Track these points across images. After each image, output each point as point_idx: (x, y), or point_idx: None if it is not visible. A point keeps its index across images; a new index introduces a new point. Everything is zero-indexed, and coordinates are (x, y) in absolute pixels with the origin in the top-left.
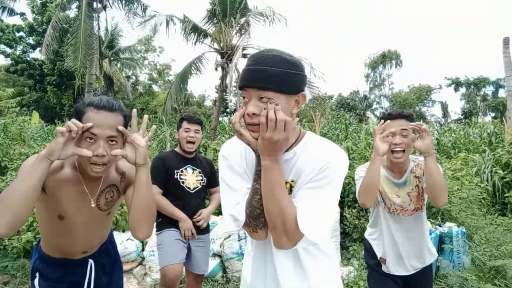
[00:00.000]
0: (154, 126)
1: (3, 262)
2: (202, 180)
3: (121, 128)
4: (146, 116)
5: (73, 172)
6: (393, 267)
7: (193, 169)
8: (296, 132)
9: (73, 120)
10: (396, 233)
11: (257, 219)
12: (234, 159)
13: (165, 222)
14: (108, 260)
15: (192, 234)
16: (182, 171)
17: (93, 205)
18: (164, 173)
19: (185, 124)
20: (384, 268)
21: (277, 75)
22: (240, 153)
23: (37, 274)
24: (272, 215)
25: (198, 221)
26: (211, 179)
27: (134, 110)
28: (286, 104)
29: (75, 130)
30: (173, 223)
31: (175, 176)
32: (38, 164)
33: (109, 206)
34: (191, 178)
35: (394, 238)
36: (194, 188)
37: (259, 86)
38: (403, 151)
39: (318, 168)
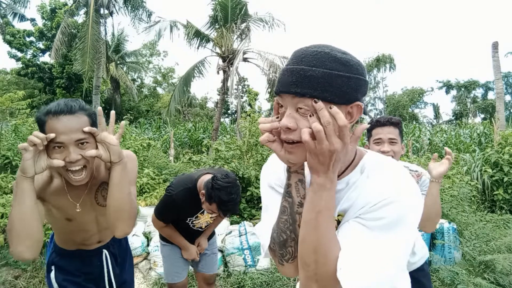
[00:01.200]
0: (123, 122)
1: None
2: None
3: (87, 128)
4: (113, 112)
5: (62, 181)
6: None
7: None
8: (350, 154)
9: (35, 132)
10: None
11: (283, 247)
12: (271, 177)
13: None
14: (120, 250)
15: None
16: (197, 217)
17: (91, 204)
18: (176, 217)
19: (214, 208)
20: None
21: (319, 77)
22: (275, 171)
23: (53, 268)
24: (307, 249)
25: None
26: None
27: (99, 108)
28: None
29: (39, 143)
30: None
31: (186, 221)
32: (20, 184)
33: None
34: (204, 218)
35: None
36: (206, 226)
37: (295, 92)
38: (393, 156)
39: (372, 203)
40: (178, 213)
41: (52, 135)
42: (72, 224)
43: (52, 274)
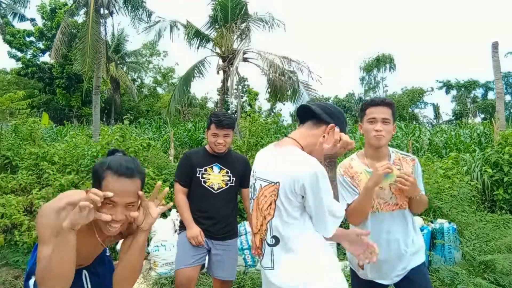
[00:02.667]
0: (166, 189)
1: (14, 257)
2: (229, 180)
3: (140, 193)
4: (158, 183)
5: (87, 227)
6: (372, 274)
7: (221, 168)
8: None
9: (94, 190)
10: (376, 235)
11: None
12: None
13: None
14: (102, 267)
15: (200, 240)
16: (206, 170)
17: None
18: (189, 170)
19: (213, 128)
20: (362, 273)
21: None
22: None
23: (32, 277)
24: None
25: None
26: (244, 178)
27: (159, 183)
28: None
29: (98, 200)
30: (196, 223)
31: (197, 175)
32: (67, 235)
33: (111, 243)
34: (215, 178)
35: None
36: (218, 189)
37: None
38: (383, 136)
39: None
40: (189, 163)
41: (110, 194)
42: None
43: (31, 282)
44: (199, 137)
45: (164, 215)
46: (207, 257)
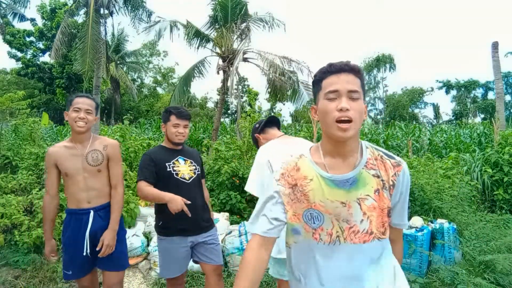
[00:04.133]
0: None
1: (14, 257)
2: (196, 169)
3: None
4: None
5: (69, 147)
6: None
7: (185, 160)
8: None
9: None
10: (326, 281)
11: None
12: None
13: (165, 226)
14: (106, 215)
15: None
16: (174, 163)
17: (84, 157)
18: (155, 168)
19: (173, 119)
20: None
21: None
22: None
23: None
24: None
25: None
26: (202, 168)
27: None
28: None
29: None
30: (174, 228)
31: (168, 169)
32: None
33: (96, 163)
34: (184, 169)
35: None
36: (190, 178)
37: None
38: (351, 121)
39: None
40: (154, 162)
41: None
42: (69, 179)
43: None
44: (199, 137)
45: None
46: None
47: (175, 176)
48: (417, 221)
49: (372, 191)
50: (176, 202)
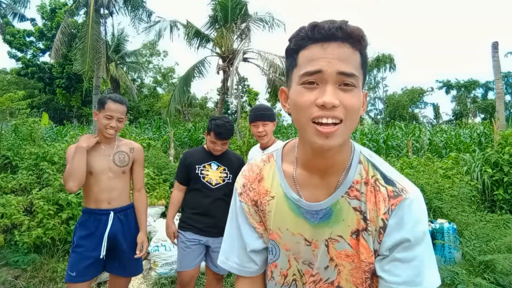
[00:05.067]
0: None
1: (14, 257)
2: (226, 176)
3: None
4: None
5: (96, 147)
6: None
7: (218, 166)
8: None
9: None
10: None
11: None
12: None
13: (184, 219)
14: (126, 218)
15: (175, 236)
16: (204, 166)
17: (110, 158)
18: (187, 169)
19: (212, 136)
20: None
21: None
22: None
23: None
24: None
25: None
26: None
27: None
28: None
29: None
30: (190, 225)
31: (196, 171)
32: (79, 151)
33: (122, 164)
34: (213, 174)
35: None
36: (216, 184)
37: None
38: (339, 122)
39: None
40: (185, 163)
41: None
42: (92, 178)
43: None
44: (199, 137)
45: (164, 215)
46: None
47: (201, 179)
48: None
49: (348, 231)
50: (169, 231)
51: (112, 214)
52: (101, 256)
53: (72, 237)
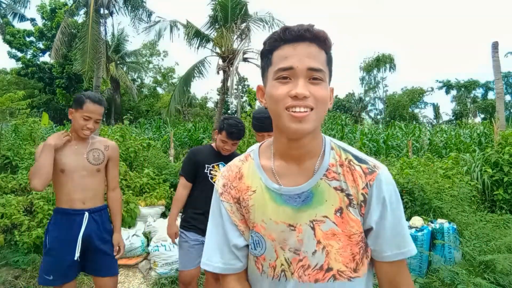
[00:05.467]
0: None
1: (14, 257)
2: None
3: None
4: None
5: (68, 144)
6: None
7: None
8: None
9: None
10: None
11: None
12: None
13: (187, 219)
14: (100, 218)
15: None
16: (213, 167)
17: (84, 156)
18: (195, 166)
19: (224, 136)
20: None
21: None
22: None
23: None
24: None
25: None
26: None
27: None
28: None
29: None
30: (192, 225)
31: (205, 171)
32: (47, 149)
33: (97, 162)
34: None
35: None
36: None
37: None
38: (311, 109)
39: None
40: (193, 160)
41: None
42: (65, 176)
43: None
44: (199, 137)
45: (164, 215)
46: None
47: (210, 179)
48: (417, 221)
49: (332, 210)
50: (171, 233)
51: (87, 214)
52: (76, 258)
53: (44, 239)
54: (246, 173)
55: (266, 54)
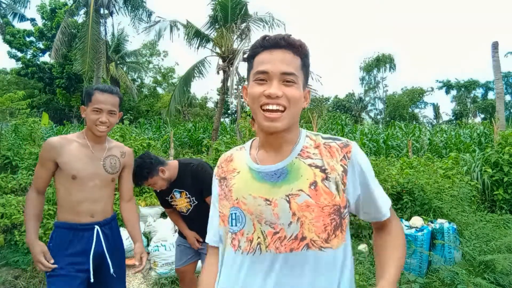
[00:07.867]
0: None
1: (14, 257)
2: (190, 201)
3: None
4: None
5: (81, 143)
6: None
7: (180, 192)
8: None
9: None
10: None
11: None
12: None
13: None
14: (111, 231)
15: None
16: (171, 197)
17: (101, 162)
18: (163, 201)
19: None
20: None
21: None
22: None
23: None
24: None
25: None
26: (199, 191)
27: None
28: None
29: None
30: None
31: (171, 202)
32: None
33: (113, 171)
34: (181, 202)
35: None
36: (187, 211)
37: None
38: (284, 110)
39: None
40: (161, 196)
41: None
42: (75, 184)
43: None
44: (199, 137)
45: (164, 215)
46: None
47: (176, 209)
48: (417, 221)
49: (306, 184)
50: (190, 239)
51: (97, 229)
52: (92, 280)
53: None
54: (237, 158)
55: (249, 59)
